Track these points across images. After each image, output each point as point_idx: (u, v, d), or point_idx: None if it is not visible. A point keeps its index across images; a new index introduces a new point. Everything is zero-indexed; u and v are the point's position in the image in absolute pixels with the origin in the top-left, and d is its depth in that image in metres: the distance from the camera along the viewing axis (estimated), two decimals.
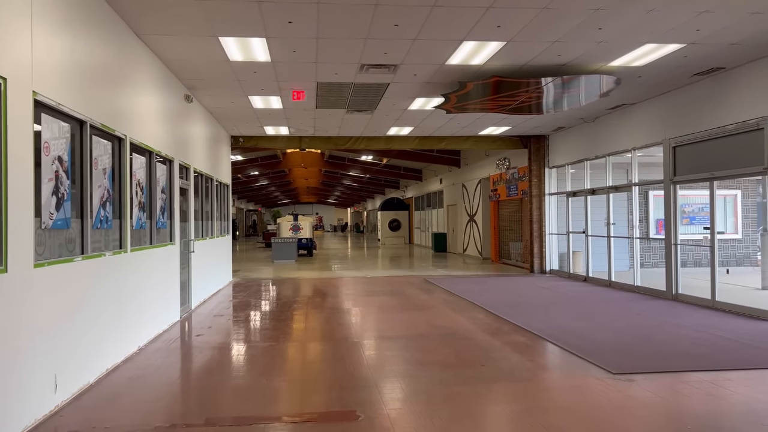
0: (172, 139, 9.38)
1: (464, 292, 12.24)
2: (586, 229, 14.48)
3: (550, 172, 16.57)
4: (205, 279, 11.81)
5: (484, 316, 9.41)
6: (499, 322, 8.89)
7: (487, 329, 8.34)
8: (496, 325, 8.66)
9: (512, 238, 20.23)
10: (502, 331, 8.21)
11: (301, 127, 14.63)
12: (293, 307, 10.55)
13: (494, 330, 8.32)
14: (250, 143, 16.17)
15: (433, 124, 14.43)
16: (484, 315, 9.56)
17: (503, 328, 8.44)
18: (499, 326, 8.60)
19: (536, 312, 9.75)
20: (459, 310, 10.02)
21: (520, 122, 14.25)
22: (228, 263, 15.22)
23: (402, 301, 11.25)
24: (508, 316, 9.35)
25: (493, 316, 9.47)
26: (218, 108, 12.17)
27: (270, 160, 30.17)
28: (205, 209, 12.36)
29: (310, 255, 24.95)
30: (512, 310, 9.87)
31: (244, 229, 58.80)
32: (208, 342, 7.71)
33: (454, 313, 9.80)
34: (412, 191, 36.19)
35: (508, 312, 9.72)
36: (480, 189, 22.17)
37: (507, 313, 9.64)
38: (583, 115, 13.56)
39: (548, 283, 13.98)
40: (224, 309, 10.53)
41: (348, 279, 15.49)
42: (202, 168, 11.86)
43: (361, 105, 11.94)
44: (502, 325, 8.66)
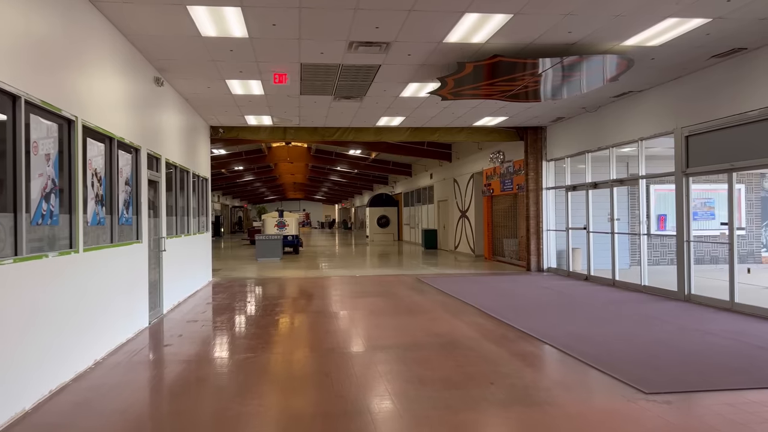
0: (139, 125, 8.42)
1: (460, 293, 11.39)
2: (587, 225, 13.68)
3: (547, 165, 15.76)
4: (179, 280, 10.86)
5: (485, 321, 8.56)
6: (502, 328, 8.04)
7: (490, 336, 7.49)
8: (500, 332, 7.81)
9: (506, 234, 19.43)
10: (508, 339, 7.36)
11: (285, 117, 13.69)
12: (276, 311, 9.64)
13: (499, 337, 7.46)
14: (231, 134, 15.19)
15: (426, 114, 13.55)
16: (485, 319, 8.71)
17: (508, 335, 7.59)
18: (504, 333, 7.75)
19: (541, 316, 8.92)
20: (457, 314, 9.16)
21: (517, 112, 13.41)
22: (207, 262, 14.25)
23: (394, 303, 10.37)
24: (511, 320, 8.51)
25: (495, 320, 8.62)
26: (194, 94, 11.20)
27: (255, 154, 29.16)
28: (180, 204, 11.40)
29: (296, 253, 24.01)
30: (515, 314, 9.03)
31: (230, 226, 57.69)
32: (176, 354, 6.78)
33: (452, 317, 8.94)
34: (401, 187, 35.33)
35: (511, 316, 8.87)
36: (472, 184, 21.34)
37: (510, 317, 8.80)
38: (585, 104, 12.75)
39: (548, 283, 13.18)
40: (199, 313, 9.59)
41: (336, 278, 14.59)
42: (177, 159, 10.89)
43: (350, 91, 11.02)
44: (507, 332, 7.81)
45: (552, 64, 8.37)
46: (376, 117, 13.90)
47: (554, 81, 9.53)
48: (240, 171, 36.30)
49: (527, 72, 8.73)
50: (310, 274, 15.81)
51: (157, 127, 9.56)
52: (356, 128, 15.37)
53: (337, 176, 40.63)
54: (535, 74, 8.89)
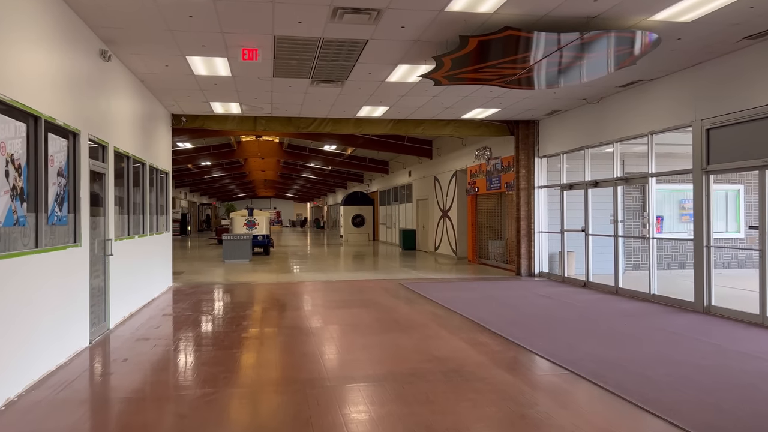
0: (79, 106, 6.99)
1: (452, 302, 10.17)
2: (585, 226, 12.60)
3: (540, 162, 14.65)
4: (131, 288, 9.41)
5: (488, 339, 7.34)
6: (511, 349, 6.83)
7: (500, 361, 6.27)
8: (509, 355, 6.61)
9: (492, 236, 18.31)
10: (522, 365, 6.16)
11: (256, 104, 12.30)
12: (243, 326, 8.28)
13: (511, 363, 6.25)
14: (195, 124, 13.72)
15: (412, 104, 12.30)
16: (488, 337, 7.49)
17: (520, 359, 6.38)
18: (514, 356, 6.55)
19: (550, 332, 7.74)
20: (454, 330, 7.93)
21: (512, 103, 12.26)
22: (167, 265, 12.78)
23: (379, 315, 9.10)
24: (518, 339, 7.31)
25: (500, 338, 7.41)
26: (150, 74, 9.76)
27: (223, 149, 27.60)
28: (134, 200, 9.95)
29: (266, 253, 22.56)
30: (520, 330, 7.84)
31: (197, 224, 55.76)
32: (116, 389, 5.40)
33: (449, 334, 7.70)
34: (378, 185, 34.06)
35: (516, 332, 7.68)
36: (455, 182, 20.18)
37: (515, 334, 7.60)
38: (587, 95, 11.65)
39: (543, 290, 12.05)
40: (153, 329, 8.18)
41: (310, 284, 13.25)
42: (130, 149, 9.44)
43: (330, 73, 9.71)
44: (518, 354, 6.60)
45: (569, 41, 7.18)
46: (357, 106, 12.60)
47: (564, 64, 8.36)
48: (208, 167, 34.61)
49: (538, 50, 7.54)
50: (282, 278, 14.44)
51: (105, 111, 8.12)
52: (334, 119, 14.04)
53: (310, 173, 39.18)
54: (547, 54, 7.70)
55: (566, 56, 7.91)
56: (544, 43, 7.32)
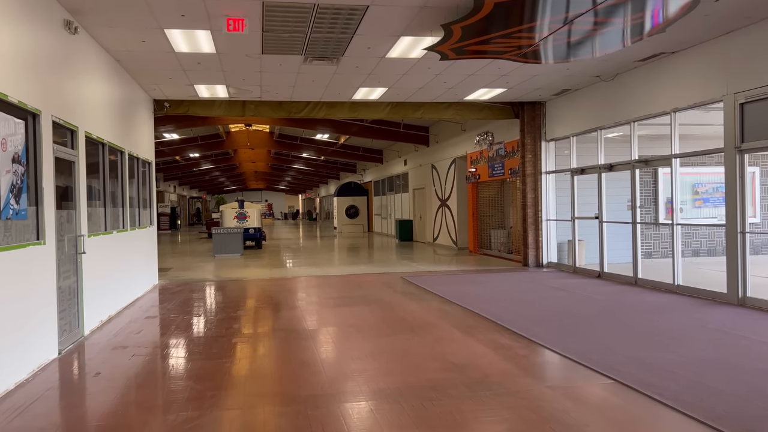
0: (39, 82, 6.08)
1: (461, 297, 9.36)
2: (599, 213, 11.81)
3: (547, 146, 13.83)
4: (110, 288, 8.53)
5: (509, 341, 6.53)
6: (538, 353, 6.03)
7: (530, 369, 5.46)
8: (538, 359, 5.80)
9: (493, 225, 17.52)
10: (556, 373, 5.35)
11: (244, 87, 11.38)
12: (234, 330, 7.43)
13: (541, 370, 5.45)
14: (179, 110, 12.78)
15: (413, 84, 11.43)
16: (509, 338, 6.68)
17: (552, 365, 5.58)
18: (544, 361, 5.74)
19: (576, 330, 6.94)
20: (469, 330, 7.11)
21: (520, 81, 11.41)
22: (151, 262, 11.88)
23: (385, 314, 8.27)
24: (543, 339, 6.50)
25: (522, 339, 6.60)
26: (126, 52, 8.82)
27: (212, 139, 26.63)
28: (112, 192, 9.05)
29: (258, 247, 21.67)
30: (543, 329, 7.04)
31: (187, 218, 54.72)
32: (80, 415, 4.53)
33: (465, 335, 6.88)
34: (371, 175, 33.17)
35: (538, 332, 6.87)
36: (455, 170, 19.33)
37: (538, 333, 6.80)
38: (601, 72, 10.82)
39: (556, 281, 11.26)
40: (133, 334, 7.31)
41: (306, 279, 12.40)
42: (105, 135, 8.53)
43: (324, 48, 8.81)
44: (547, 359, 5.80)
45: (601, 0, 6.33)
46: (353, 88, 11.71)
47: (586, 32, 7.51)
48: (196, 158, 33.59)
49: (562, 14, 6.68)
50: (275, 273, 13.58)
51: (73, 91, 7.21)
52: (328, 103, 13.14)
53: (301, 164, 38.23)
54: (573, 18, 6.85)
55: (590, 22, 7.06)
56: (571, 5, 6.46)
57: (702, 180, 14.92)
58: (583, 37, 7.74)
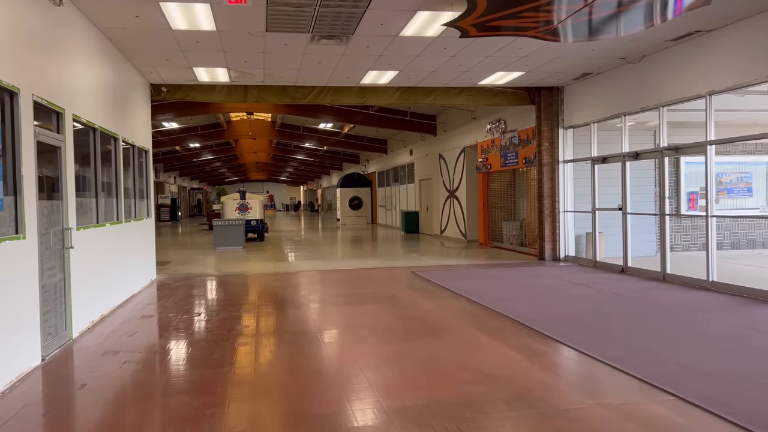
0: (17, 58, 5.40)
1: (479, 295, 8.71)
2: (623, 204, 11.13)
3: (565, 133, 13.13)
4: (102, 285, 7.89)
5: (543, 346, 5.88)
6: (579, 361, 5.37)
7: (574, 381, 4.82)
8: (580, 369, 5.15)
9: (505, 216, 16.85)
10: (606, 387, 4.70)
11: (246, 70, 10.68)
12: (236, 332, 6.78)
13: (588, 383, 4.80)
14: (178, 95, 12.09)
15: (426, 66, 10.73)
16: (542, 342, 6.03)
17: (598, 377, 4.93)
18: (588, 371, 5.09)
19: (614, 333, 6.29)
20: (496, 333, 6.46)
21: (539, 64, 10.70)
22: (149, 256, 11.23)
23: (399, 313, 7.62)
24: (581, 344, 5.85)
25: (557, 344, 5.95)
26: (119, 30, 8.13)
27: (212, 128, 25.94)
28: (104, 182, 8.39)
29: (260, 239, 21.02)
30: (576, 331, 6.39)
31: (188, 210, 54.14)
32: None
33: (492, 339, 6.23)
34: (375, 165, 32.46)
35: (573, 335, 6.22)
36: (464, 159, 18.63)
37: (573, 337, 6.14)
38: (628, 52, 10.11)
39: (577, 277, 10.61)
40: (126, 337, 6.67)
41: (311, 274, 11.75)
42: (97, 119, 7.86)
43: (334, 25, 8.11)
44: (591, 368, 5.14)
45: None
46: (362, 71, 11.01)
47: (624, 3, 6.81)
48: (197, 149, 32.90)
49: None
50: (279, 267, 12.93)
51: (59, 70, 6.53)
52: (335, 88, 12.44)
53: (303, 154, 37.52)
54: None
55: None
56: None
57: (726, 169, 14.23)
58: (617, 11, 7.04)
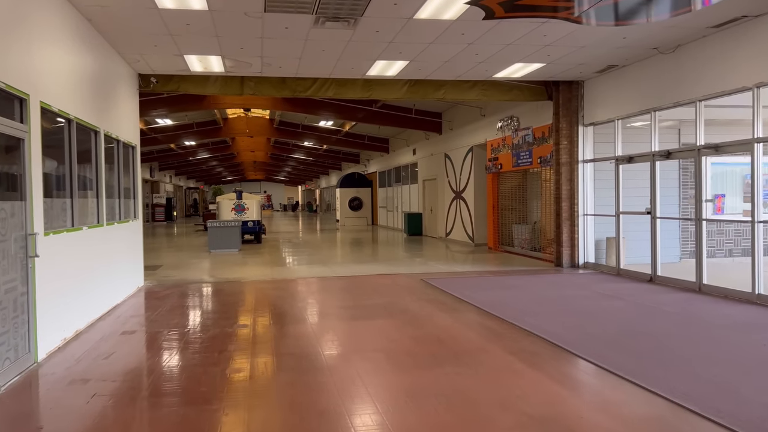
0: None
1: (502, 309, 7.81)
2: (652, 208, 10.25)
3: (585, 131, 12.24)
4: (77, 297, 6.96)
5: (593, 377, 4.97)
6: (640, 398, 4.46)
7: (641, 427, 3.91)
8: (644, 411, 4.24)
9: (516, 219, 15.96)
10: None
11: (242, 58, 9.77)
12: (228, 354, 5.86)
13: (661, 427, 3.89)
14: (169, 87, 11.17)
15: (439, 56, 9.82)
16: (589, 371, 5.12)
17: (669, 420, 4.02)
18: (656, 413, 4.18)
19: (668, 359, 5.39)
20: (532, 359, 5.55)
21: (563, 54, 9.81)
22: (135, 261, 10.31)
23: (414, 331, 6.71)
24: (635, 375, 4.93)
25: (607, 374, 5.04)
26: (99, 8, 7.20)
27: (208, 126, 25.01)
28: (82, 180, 7.47)
29: (257, 241, 20.10)
30: (623, 356, 5.48)
31: (184, 209, 53.18)
32: None
33: (529, 366, 5.32)
34: (376, 165, 31.55)
35: (621, 362, 5.31)
36: (472, 159, 17.73)
37: (623, 365, 5.23)
38: (662, 41, 9.22)
39: (604, 287, 9.71)
40: (100, 360, 5.74)
41: (312, 281, 10.83)
42: (72, 109, 6.94)
43: (341, 4, 7.19)
44: (660, 410, 4.23)
45: None
46: (369, 60, 10.10)
47: None
48: (193, 147, 31.97)
49: None
50: (277, 273, 12.01)
51: (24, 50, 5.62)
52: (338, 80, 11.53)
53: (302, 153, 36.60)
54: None
55: None
56: None
57: None
58: None
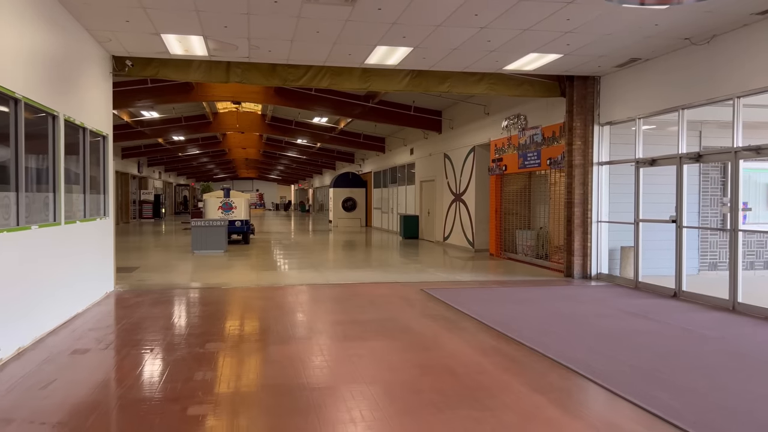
0: None
1: (514, 327, 6.80)
2: (678, 215, 9.28)
3: (601, 130, 11.27)
4: (20, 309, 5.90)
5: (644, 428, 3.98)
6: None
7: None
8: None
9: (519, 224, 14.99)
10: None
11: (226, 39, 8.73)
12: (193, 385, 4.82)
13: None
14: (148, 72, 10.09)
15: (447, 42, 8.83)
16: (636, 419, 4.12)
17: None
18: None
19: (731, 405, 4.41)
20: (564, 401, 4.54)
21: (587, 43, 8.84)
22: (104, 264, 9.23)
23: (418, 357, 5.69)
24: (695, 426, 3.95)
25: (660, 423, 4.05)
26: None
27: (197, 120, 23.92)
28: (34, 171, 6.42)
29: (245, 242, 19.03)
30: (674, 397, 4.49)
31: (173, 207, 52.02)
32: None
33: (563, 412, 4.31)
34: (371, 165, 30.52)
35: (676, 406, 4.31)
36: (473, 159, 16.74)
37: (677, 410, 4.24)
38: (696, 31, 8.27)
39: (625, 302, 8.73)
40: (35, 391, 4.69)
41: (301, 289, 9.80)
42: (19, 87, 5.88)
43: None
44: None
45: None
46: (368, 46, 9.09)
47: None
48: (182, 142, 30.84)
49: None
50: (263, 278, 10.96)
51: None
52: (334, 69, 10.50)
53: (295, 151, 35.52)
54: None
55: None
56: None
57: None
58: None
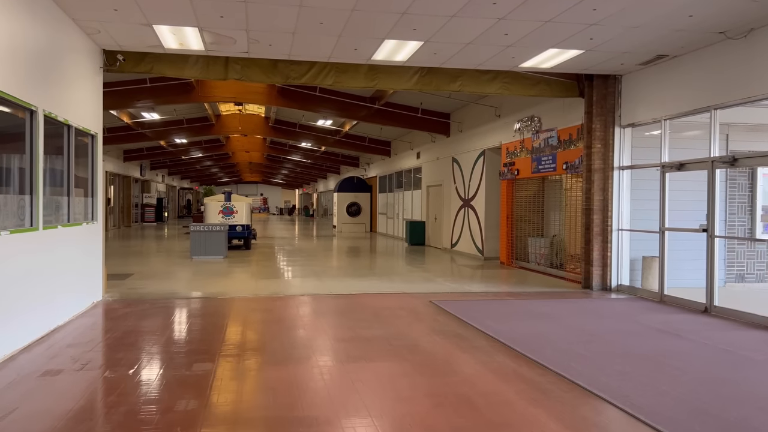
0: None
1: (536, 348, 6.13)
2: (709, 224, 8.60)
3: (622, 133, 10.60)
4: None
5: None
6: None
7: None
8: None
9: (532, 232, 14.32)
10: None
11: (223, 31, 8.10)
12: (172, 416, 4.17)
13: None
14: (141, 68, 9.49)
15: (461, 35, 8.19)
16: None
17: None
18: None
19: None
20: None
21: (612, 37, 8.18)
22: (91, 273, 8.60)
23: (431, 385, 5.03)
24: None
25: None
26: None
27: (200, 122, 23.36)
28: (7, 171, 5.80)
29: (246, 247, 18.40)
30: None
31: (177, 210, 51.49)
32: None
33: None
34: (377, 169, 29.88)
35: None
36: (483, 163, 16.07)
37: None
38: (731, 24, 7.61)
39: (653, 318, 8.04)
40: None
41: (303, 300, 9.14)
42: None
43: None
44: None
45: None
46: (376, 39, 8.45)
47: None
48: (185, 145, 30.27)
49: None
50: (263, 287, 10.31)
51: None
52: (339, 65, 9.88)
53: (299, 155, 34.92)
54: None
55: None
56: None
57: None
58: None
